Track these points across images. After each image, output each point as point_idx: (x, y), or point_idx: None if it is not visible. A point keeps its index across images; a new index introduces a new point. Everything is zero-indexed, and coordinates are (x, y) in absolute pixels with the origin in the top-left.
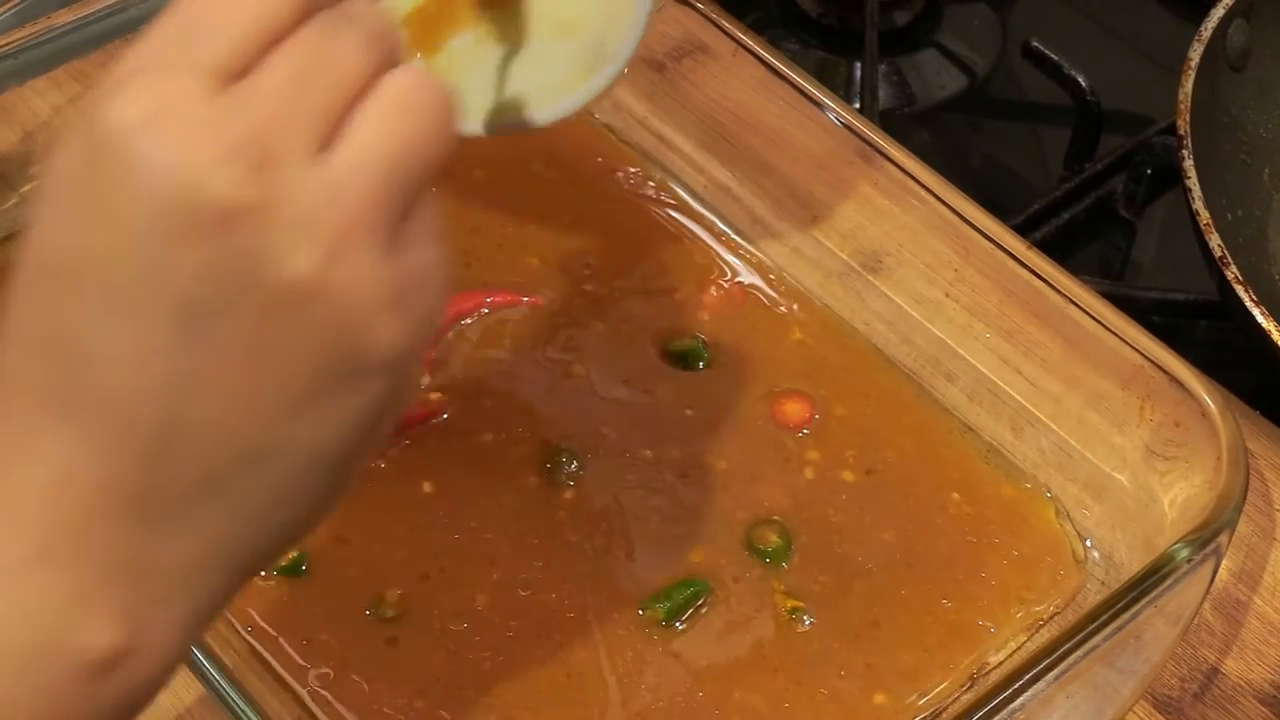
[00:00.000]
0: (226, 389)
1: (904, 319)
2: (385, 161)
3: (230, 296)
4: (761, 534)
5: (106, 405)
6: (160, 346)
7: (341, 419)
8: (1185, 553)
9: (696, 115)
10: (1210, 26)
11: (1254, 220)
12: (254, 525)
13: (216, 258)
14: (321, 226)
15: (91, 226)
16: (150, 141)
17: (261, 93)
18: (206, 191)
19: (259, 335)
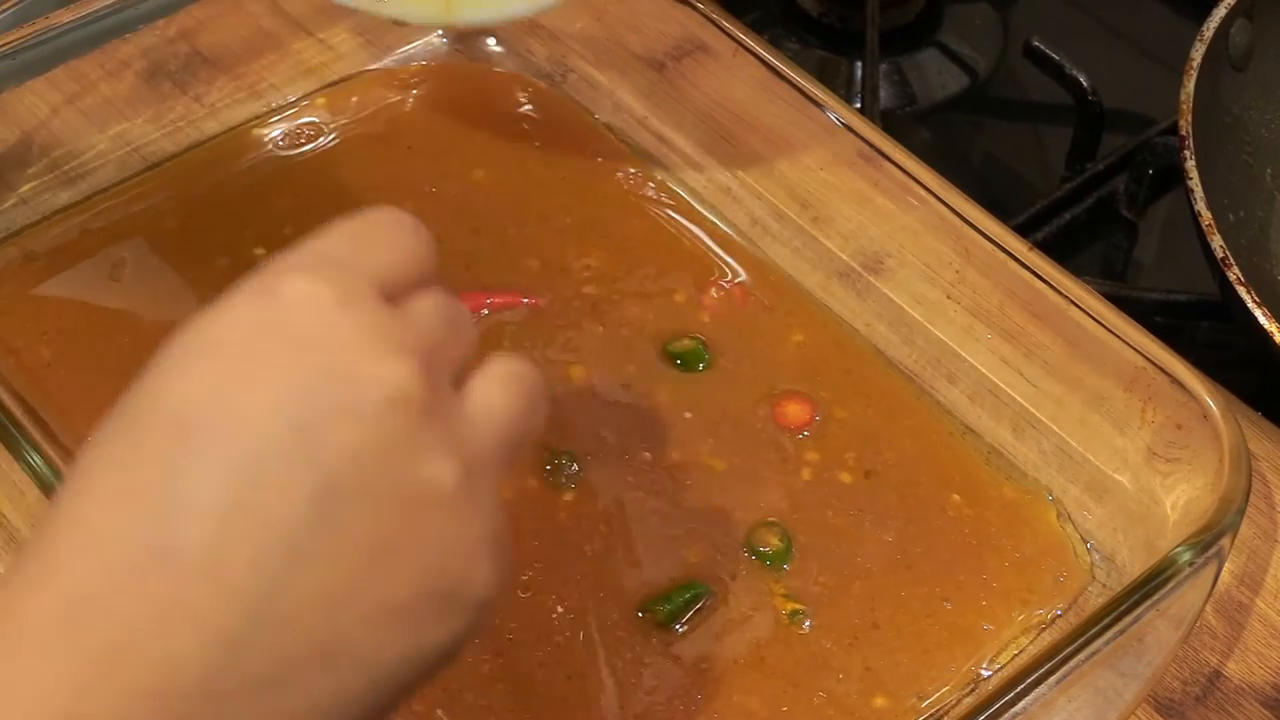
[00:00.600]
0: (331, 578)
1: (905, 320)
2: (509, 418)
3: (373, 482)
4: (762, 536)
5: (206, 571)
6: (285, 517)
7: (422, 646)
8: (1187, 556)
9: (696, 115)
10: (1212, 26)
11: (1256, 221)
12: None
13: (373, 439)
14: (466, 447)
15: (248, 387)
16: (326, 320)
17: (420, 317)
18: (382, 376)
19: (389, 532)
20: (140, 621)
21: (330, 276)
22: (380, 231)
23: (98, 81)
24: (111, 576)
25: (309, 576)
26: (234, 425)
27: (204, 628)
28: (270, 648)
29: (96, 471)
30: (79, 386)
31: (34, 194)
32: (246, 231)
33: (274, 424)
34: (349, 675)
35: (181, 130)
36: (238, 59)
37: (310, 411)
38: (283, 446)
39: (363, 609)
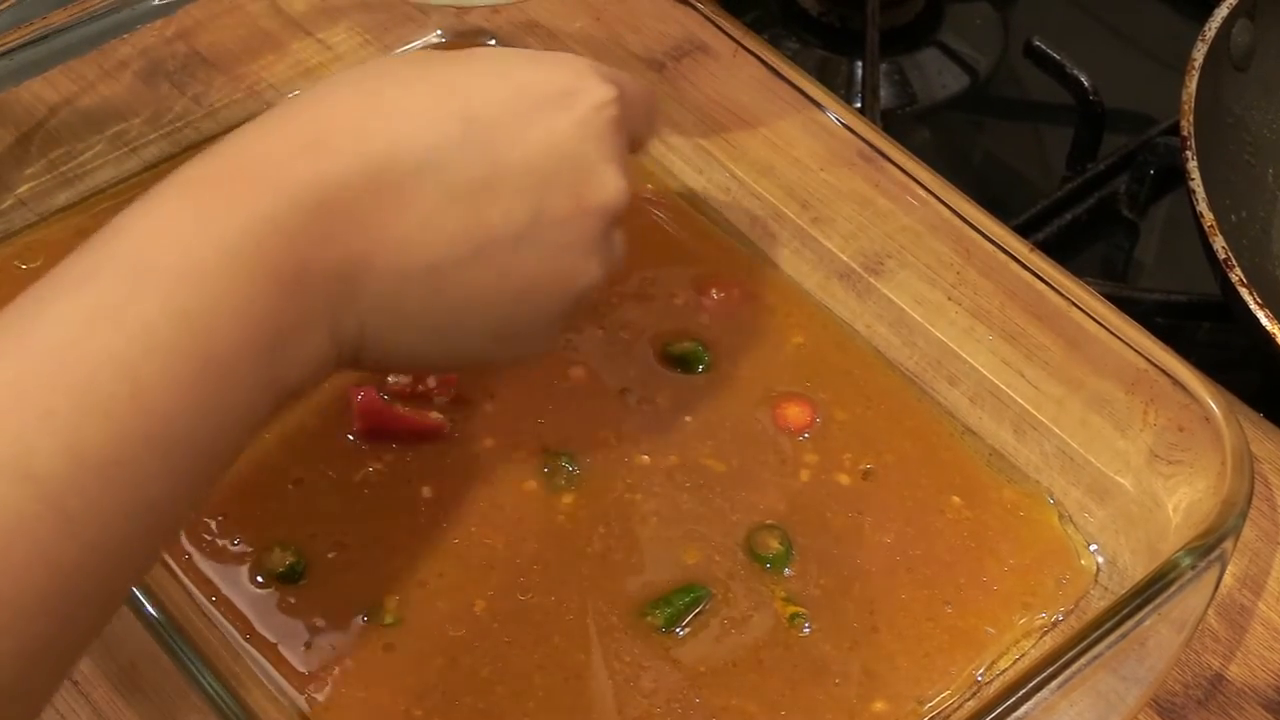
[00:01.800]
0: (523, 200)
1: (905, 321)
2: (621, 258)
3: (574, 149)
4: (762, 539)
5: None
6: (517, 209)
7: (551, 251)
8: (1189, 559)
9: (696, 115)
10: (1214, 26)
11: (1258, 221)
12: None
13: (591, 121)
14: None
15: (530, 123)
16: (599, 120)
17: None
18: (610, 185)
19: (559, 131)
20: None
21: (619, 101)
22: (644, 100)
23: (96, 82)
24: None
25: (474, 268)
26: (504, 143)
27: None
28: (419, 289)
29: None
30: None
31: (32, 195)
32: None
33: (530, 164)
34: (439, 340)
35: (180, 131)
36: (236, 59)
37: (555, 173)
38: (528, 181)
39: (479, 309)
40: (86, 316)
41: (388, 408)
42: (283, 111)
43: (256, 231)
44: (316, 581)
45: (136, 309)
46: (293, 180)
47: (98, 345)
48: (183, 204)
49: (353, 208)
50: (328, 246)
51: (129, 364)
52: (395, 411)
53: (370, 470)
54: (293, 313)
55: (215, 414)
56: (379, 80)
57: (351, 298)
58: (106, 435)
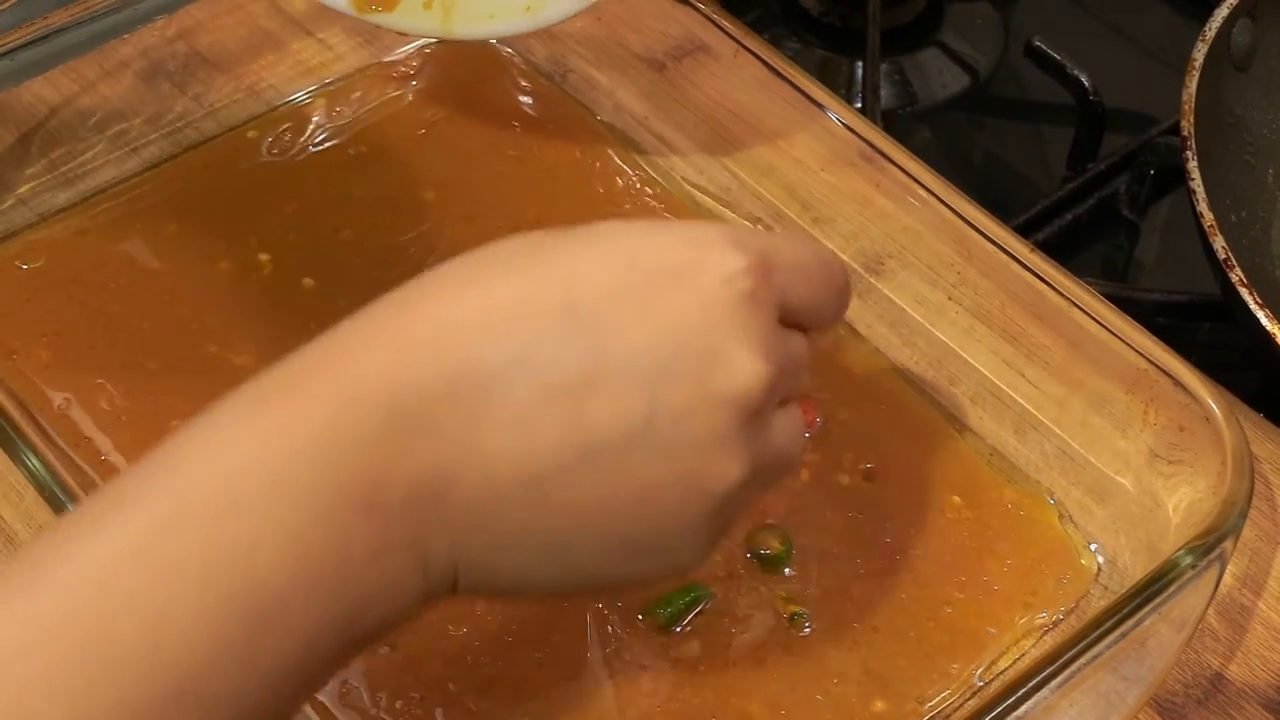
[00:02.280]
0: (592, 496)
1: (906, 321)
2: (784, 459)
3: (678, 449)
4: (763, 539)
5: (509, 427)
6: (599, 425)
7: (608, 569)
8: (1190, 559)
9: (697, 115)
10: (1215, 26)
11: (1258, 221)
12: (514, 549)
13: (704, 412)
14: (758, 457)
15: (638, 308)
16: (728, 298)
17: (791, 348)
18: (744, 368)
19: (660, 479)
20: (438, 431)
21: (753, 272)
22: (817, 268)
23: (96, 82)
24: (442, 383)
25: (580, 476)
26: (610, 328)
27: (472, 465)
28: (515, 518)
29: (486, 284)
30: (77, 389)
31: (32, 195)
32: (250, 237)
33: (642, 348)
34: (558, 571)
35: (181, 131)
36: (237, 59)
37: (675, 359)
38: (640, 369)
39: (601, 535)
40: (111, 555)
41: None
42: (374, 309)
43: (315, 448)
44: None
45: (169, 546)
46: (360, 388)
47: (118, 589)
48: (237, 419)
49: (432, 415)
50: (404, 461)
51: (152, 612)
52: None
53: None
54: (365, 539)
55: (263, 663)
56: (477, 269)
57: (439, 519)
58: (119, 696)
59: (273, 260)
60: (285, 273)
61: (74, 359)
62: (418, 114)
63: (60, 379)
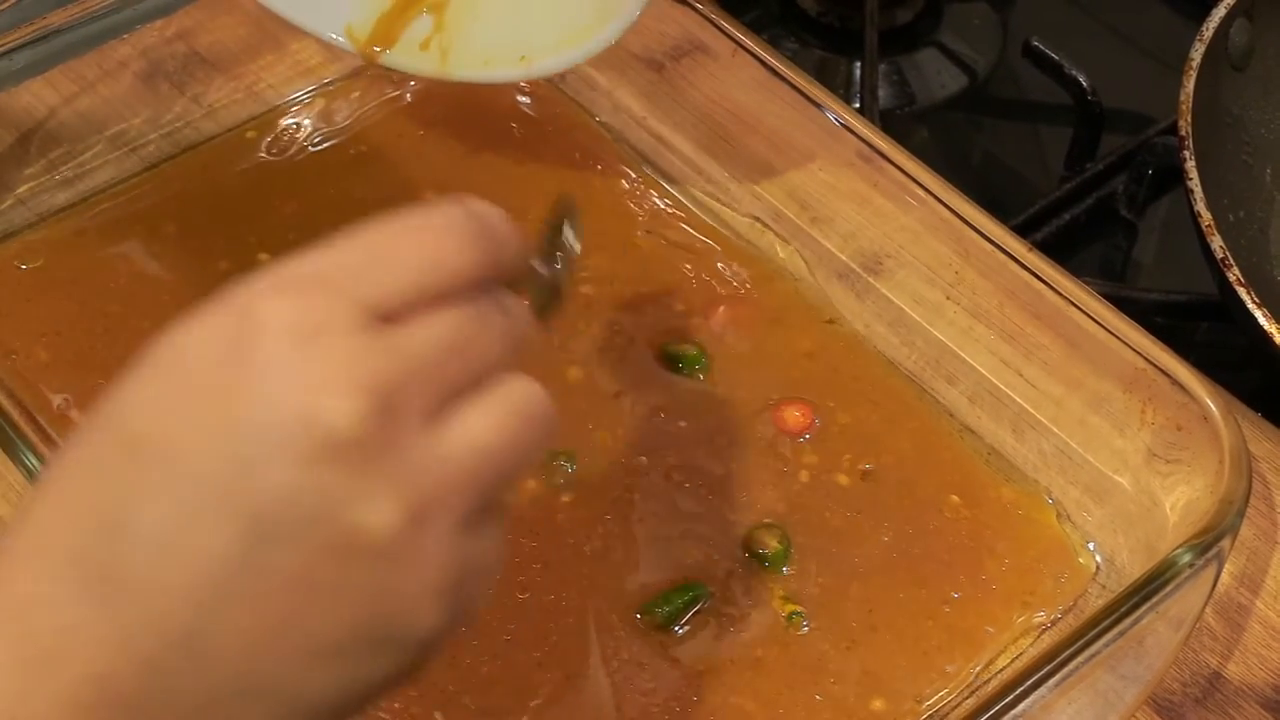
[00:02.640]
0: (258, 616)
1: (904, 321)
2: (491, 452)
3: (303, 525)
4: (761, 538)
5: (134, 595)
6: (216, 553)
7: (356, 683)
8: (1187, 558)
9: (695, 116)
10: (1212, 26)
11: (1256, 221)
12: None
13: (307, 482)
14: (414, 489)
15: (197, 415)
16: (290, 351)
17: (408, 345)
18: (322, 412)
19: (314, 573)
20: (77, 634)
21: (308, 303)
22: (409, 241)
23: (95, 82)
24: (56, 585)
25: (236, 613)
26: (178, 451)
27: (135, 651)
28: (197, 677)
29: (58, 475)
30: (76, 389)
31: (31, 195)
32: (249, 236)
33: (215, 456)
34: (276, 708)
35: (180, 131)
36: (236, 59)
37: (251, 447)
38: (221, 480)
39: (288, 649)
40: None
41: None
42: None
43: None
44: None
45: None
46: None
47: None
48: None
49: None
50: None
51: None
52: None
53: None
54: None
55: None
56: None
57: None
58: None
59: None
60: None
61: (73, 359)
62: (417, 114)
63: (59, 379)
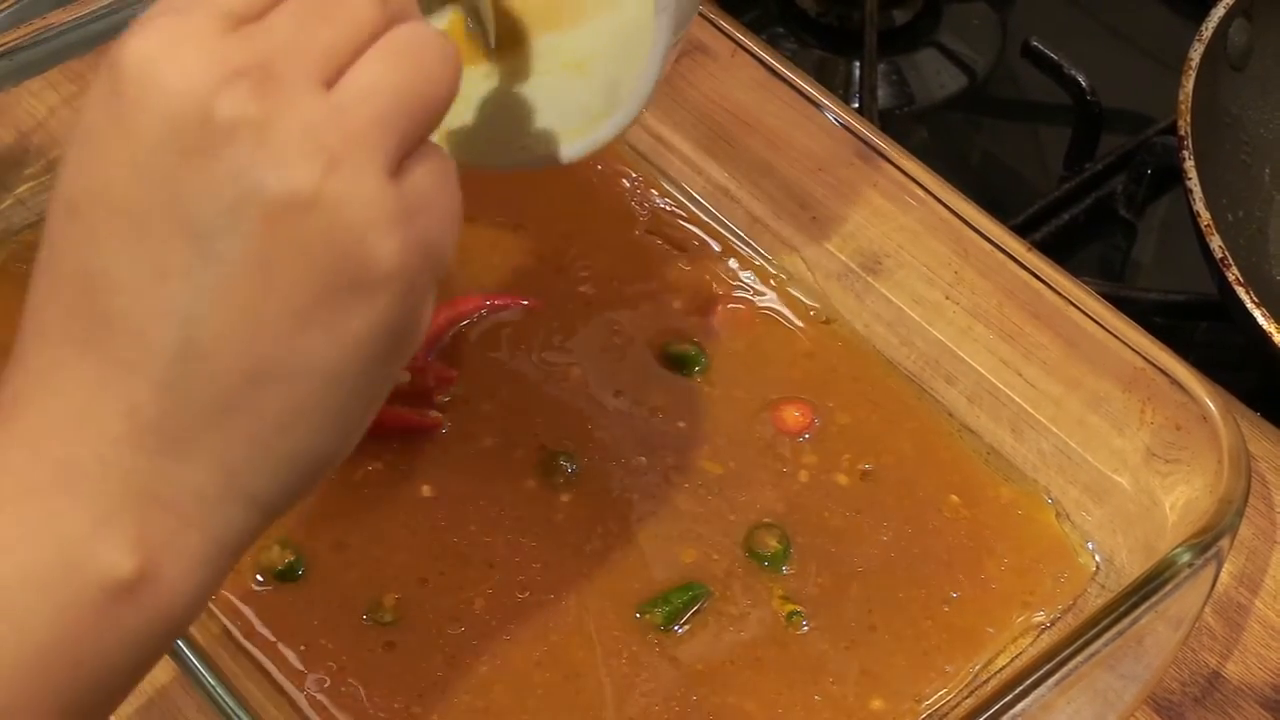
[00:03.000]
0: (234, 306)
1: (903, 321)
2: (387, 94)
3: (233, 211)
4: (760, 538)
5: (125, 333)
6: (172, 268)
7: (348, 335)
8: (1187, 557)
9: (694, 115)
10: (1211, 26)
11: (1255, 221)
12: (269, 450)
13: (219, 173)
14: (322, 141)
15: (109, 156)
16: (161, 67)
17: (271, 28)
18: (210, 108)
19: (262, 250)
20: (98, 382)
21: (164, 27)
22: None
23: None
24: (64, 348)
25: (216, 310)
26: (106, 198)
27: (145, 379)
28: (203, 382)
29: (38, 268)
30: None
31: (31, 195)
32: None
33: (135, 186)
34: (290, 385)
35: None
36: None
37: (160, 163)
38: (149, 205)
39: (274, 321)
40: None
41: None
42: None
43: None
44: (316, 580)
45: None
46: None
47: None
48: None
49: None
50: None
51: None
52: (395, 410)
53: (370, 469)
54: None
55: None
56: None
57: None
58: None
59: None
60: None
61: None
62: None
63: None
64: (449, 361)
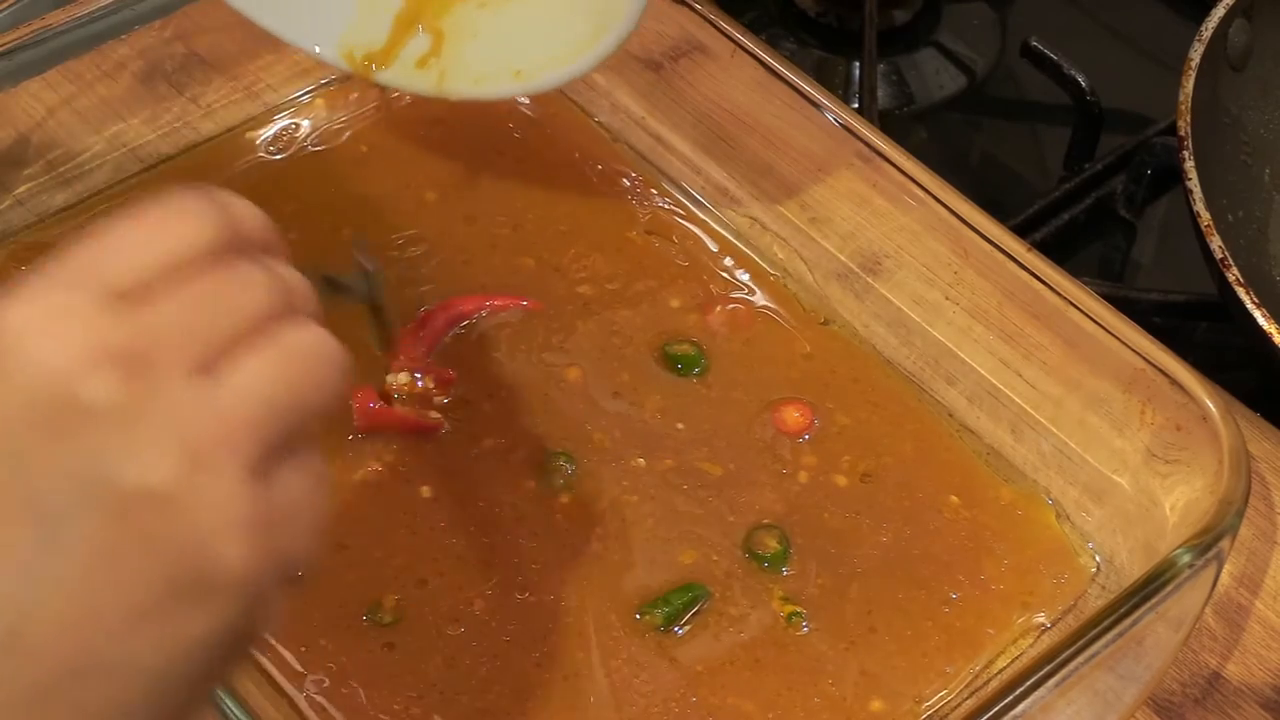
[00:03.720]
0: (70, 597)
1: (903, 321)
2: (264, 397)
3: (84, 497)
4: (760, 539)
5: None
6: (16, 548)
7: (183, 638)
8: (1187, 558)
9: (694, 116)
10: (1211, 26)
11: (1255, 221)
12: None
13: (75, 455)
14: (187, 435)
15: None
16: (34, 340)
17: (157, 312)
18: (75, 388)
19: (108, 540)
20: None
21: (47, 301)
22: (140, 225)
23: (94, 83)
24: None
25: (50, 599)
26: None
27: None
28: (29, 668)
29: None
30: None
31: (30, 195)
32: None
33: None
34: (113, 684)
35: (178, 132)
36: (234, 60)
37: (18, 440)
38: (1, 479)
39: (108, 617)
40: None
41: (387, 408)
42: None
43: None
44: (316, 580)
45: None
46: None
47: None
48: None
49: None
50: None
51: None
52: (395, 412)
53: (370, 470)
54: None
55: None
56: None
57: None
58: None
59: None
60: None
61: None
62: (416, 114)
63: None
64: (449, 362)
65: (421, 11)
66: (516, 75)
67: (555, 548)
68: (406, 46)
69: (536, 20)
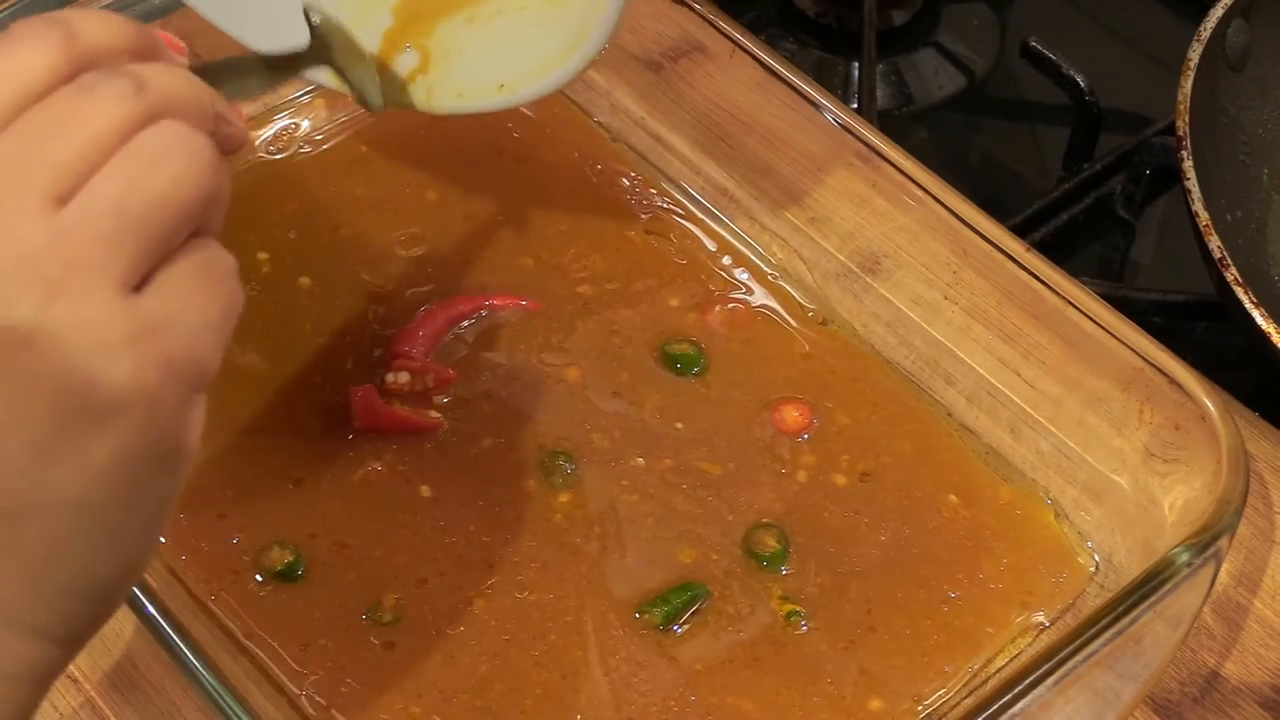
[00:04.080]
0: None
1: (902, 321)
2: (113, 206)
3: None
4: (759, 538)
5: None
6: None
7: (92, 463)
8: (1185, 557)
9: (693, 116)
10: (1210, 26)
11: (1253, 221)
12: (39, 583)
13: None
14: (39, 270)
15: None
16: None
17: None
18: None
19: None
20: None
21: None
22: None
23: None
24: None
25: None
26: None
27: None
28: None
29: None
30: None
31: None
32: (248, 235)
33: None
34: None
35: None
36: None
37: None
38: None
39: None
40: None
41: (387, 407)
42: None
43: None
44: (316, 580)
45: None
46: None
47: None
48: None
49: None
50: None
51: None
52: (395, 411)
53: (370, 470)
54: None
55: None
56: None
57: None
58: None
59: (271, 259)
60: (284, 271)
61: None
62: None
63: None
64: (448, 362)
65: (410, 29)
66: (501, 89)
67: (555, 547)
68: (396, 64)
69: (519, 35)
